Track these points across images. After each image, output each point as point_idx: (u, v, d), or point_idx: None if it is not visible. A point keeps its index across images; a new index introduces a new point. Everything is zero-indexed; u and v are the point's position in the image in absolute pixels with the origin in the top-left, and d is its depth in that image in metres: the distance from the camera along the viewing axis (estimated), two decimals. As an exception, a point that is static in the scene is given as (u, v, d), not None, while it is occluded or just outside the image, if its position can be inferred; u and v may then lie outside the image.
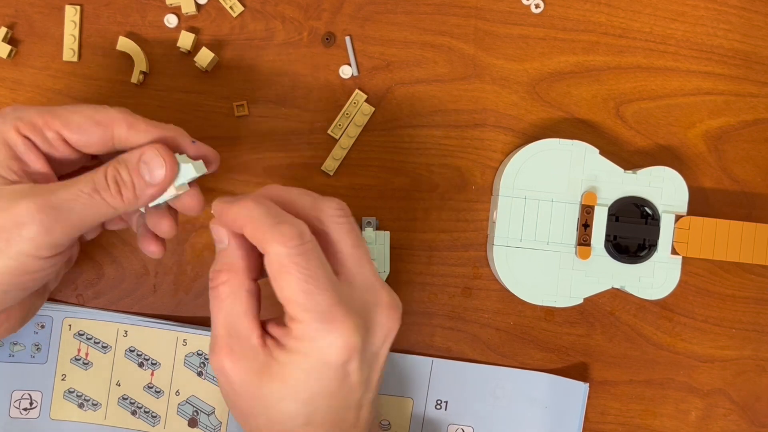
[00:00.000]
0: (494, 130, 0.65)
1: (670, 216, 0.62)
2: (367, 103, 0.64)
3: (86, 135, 0.49)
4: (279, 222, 0.46)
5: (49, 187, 0.47)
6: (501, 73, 0.65)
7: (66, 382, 0.62)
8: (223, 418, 0.62)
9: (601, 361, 0.66)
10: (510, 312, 0.66)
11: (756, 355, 0.67)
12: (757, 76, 0.67)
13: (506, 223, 0.62)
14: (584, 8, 0.66)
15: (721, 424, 0.67)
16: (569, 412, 0.65)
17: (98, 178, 0.48)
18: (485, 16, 0.65)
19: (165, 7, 0.63)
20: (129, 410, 0.62)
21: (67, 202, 0.46)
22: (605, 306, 0.66)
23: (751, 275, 0.67)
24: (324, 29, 0.64)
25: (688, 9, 0.66)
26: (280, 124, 0.64)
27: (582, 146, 0.62)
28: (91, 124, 0.49)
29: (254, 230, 0.46)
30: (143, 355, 0.62)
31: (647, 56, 0.66)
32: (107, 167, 0.48)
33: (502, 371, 0.65)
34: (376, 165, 0.65)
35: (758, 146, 0.67)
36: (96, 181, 0.48)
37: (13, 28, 0.62)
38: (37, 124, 0.48)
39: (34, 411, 0.62)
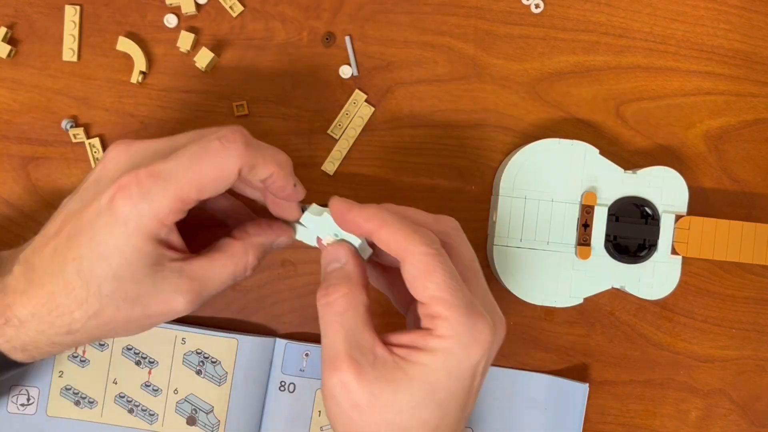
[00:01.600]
0: (494, 130, 0.65)
1: (670, 216, 0.62)
2: (367, 103, 0.64)
3: (219, 190, 0.48)
4: (417, 228, 0.48)
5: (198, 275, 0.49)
6: (501, 73, 0.65)
7: (63, 379, 0.62)
8: (222, 416, 0.62)
9: (601, 361, 0.66)
10: (510, 312, 0.66)
11: (756, 355, 0.67)
12: (757, 76, 0.67)
13: (506, 223, 0.62)
14: (584, 8, 0.66)
15: (721, 424, 0.67)
16: (569, 414, 0.65)
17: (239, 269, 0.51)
18: (485, 16, 0.65)
19: (165, 7, 0.63)
20: (126, 408, 0.62)
21: (213, 289, 0.50)
22: (605, 306, 0.66)
23: (751, 275, 0.67)
24: (324, 29, 0.64)
25: (688, 9, 0.66)
26: (280, 124, 0.64)
27: (582, 146, 0.62)
28: (221, 181, 0.48)
29: (394, 233, 0.48)
30: (141, 353, 0.62)
31: (647, 56, 0.66)
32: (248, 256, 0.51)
33: (501, 372, 0.65)
34: (376, 165, 0.65)
35: (758, 146, 0.67)
36: (237, 270, 0.51)
37: (13, 28, 0.63)
38: (176, 209, 0.47)
39: (31, 407, 0.62)
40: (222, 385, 0.62)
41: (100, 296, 0.47)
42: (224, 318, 0.64)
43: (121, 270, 0.46)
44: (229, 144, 0.48)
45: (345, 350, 0.47)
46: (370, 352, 0.47)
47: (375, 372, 0.47)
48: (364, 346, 0.47)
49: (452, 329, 0.46)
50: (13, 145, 0.63)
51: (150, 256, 0.47)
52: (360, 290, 0.49)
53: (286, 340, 0.63)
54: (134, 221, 0.46)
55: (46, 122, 0.63)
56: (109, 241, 0.46)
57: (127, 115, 0.63)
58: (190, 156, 0.47)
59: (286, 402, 0.63)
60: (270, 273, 0.64)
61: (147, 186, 0.46)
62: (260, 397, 0.63)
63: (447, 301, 0.46)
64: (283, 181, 0.50)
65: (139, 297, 0.47)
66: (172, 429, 0.62)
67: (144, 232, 0.46)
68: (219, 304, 0.64)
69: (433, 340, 0.46)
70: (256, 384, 0.63)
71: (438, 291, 0.46)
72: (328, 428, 0.64)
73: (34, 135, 0.63)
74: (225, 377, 0.62)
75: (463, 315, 0.46)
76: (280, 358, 0.63)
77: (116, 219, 0.46)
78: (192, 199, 0.47)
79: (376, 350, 0.47)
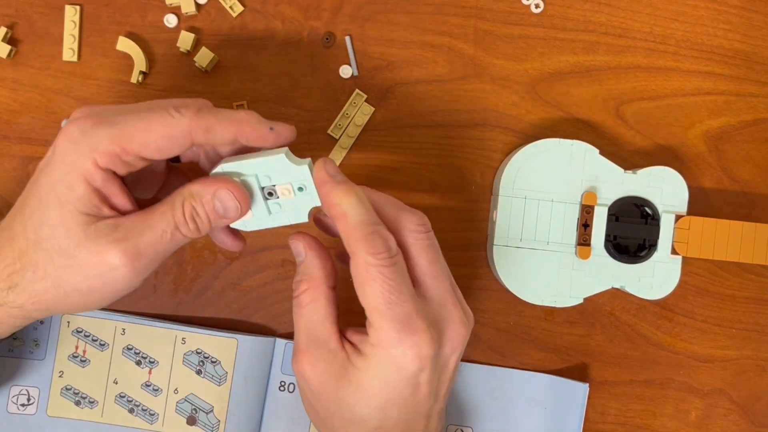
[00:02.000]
0: (494, 130, 0.65)
1: (670, 216, 0.62)
2: (367, 103, 0.64)
3: (165, 152, 0.48)
4: (372, 231, 0.48)
5: (134, 227, 0.47)
6: (501, 73, 0.65)
7: (63, 379, 0.62)
8: (222, 416, 0.62)
9: (601, 361, 0.66)
10: (510, 312, 0.66)
11: (756, 355, 0.67)
12: (757, 76, 0.67)
13: (506, 223, 0.62)
14: (584, 8, 0.66)
15: (721, 424, 0.67)
16: (569, 413, 0.65)
17: (178, 217, 0.48)
18: (485, 16, 0.65)
19: (165, 7, 0.63)
20: (126, 408, 0.62)
21: (153, 245, 0.48)
22: (605, 306, 0.66)
23: (751, 275, 0.67)
24: (324, 29, 0.64)
25: (688, 9, 0.66)
26: (280, 124, 0.64)
27: (582, 146, 0.62)
28: (167, 141, 0.48)
29: (346, 230, 0.48)
30: (141, 353, 0.62)
31: (647, 56, 0.66)
32: (183, 203, 0.49)
33: (501, 371, 0.65)
34: (376, 165, 0.65)
35: (758, 146, 0.67)
36: (177, 220, 0.48)
37: (13, 28, 0.63)
38: (113, 152, 0.47)
39: (31, 407, 0.62)
40: (222, 385, 0.62)
41: (37, 244, 0.47)
42: (224, 318, 0.65)
43: (53, 213, 0.46)
44: (181, 108, 0.48)
45: (302, 342, 0.51)
46: (325, 345, 0.50)
47: (326, 366, 0.49)
48: (321, 339, 0.50)
49: (382, 340, 0.48)
50: (13, 145, 0.63)
51: (83, 201, 0.46)
52: (320, 283, 0.51)
53: (286, 340, 0.63)
54: (71, 158, 0.46)
55: (46, 122, 0.63)
56: (47, 183, 0.47)
57: (127, 115, 0.63)
58: (140, 113, 0.48)
59: (286, 402, 0.63)
60: (270, 273, 0.64)
61: (89, 127, 0.47)
62: (260, 396, 0.63)
63: (380, 313, 0.48)
64: (254, 131, 0.50)
65: (71, 248, 0.46)
66: (172, 429, 0.62)
67: (78, 170, 0.46)
68: (219, 304, 0.64)
69: (367, 347, 0.49)
70: (256, 384, 0.63)
71: (373, 301, 0.48)
72: (328, 428, 0.64)
73: (34, 135, 0.63)
74: (225, 377, 0.62)
75: (394, 329, 0.47)
76: (280, 358, 0.63)
77: (56, 158, 0.47)
78: (133, 151, 0.47)
79: (331, 345, 0.50)
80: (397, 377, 0.48)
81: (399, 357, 0.48)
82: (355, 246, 0.48)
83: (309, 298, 0.51)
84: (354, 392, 0.49)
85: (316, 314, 0.51)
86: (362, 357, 0.49)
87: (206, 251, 0.64)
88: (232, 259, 0.64)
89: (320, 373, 0.49)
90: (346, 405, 0.49)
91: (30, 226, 0.47)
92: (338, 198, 0.49)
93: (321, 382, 0.50)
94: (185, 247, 0.64)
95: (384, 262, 0.47)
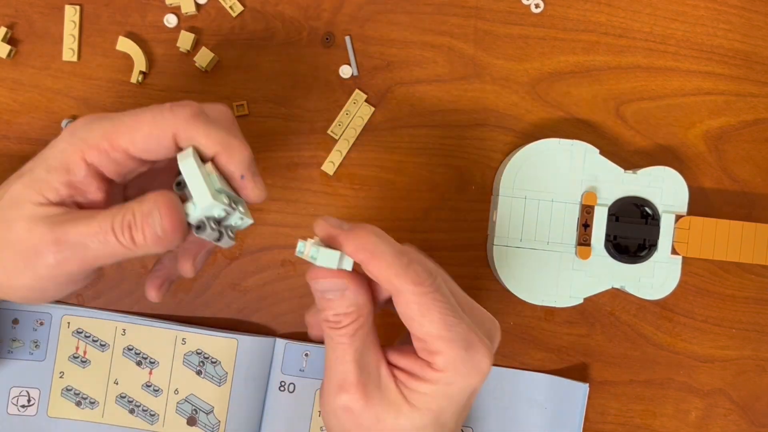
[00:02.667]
0: (494, 130, 0.65)
1: (670, 216, 0.62)
2: (367, 103, 0.64)
3: (151, 152, 0.47)
4: (409, 261, 0.46)
5: (72, 217, 0.46)
6: (501, 73, 0.65)
7: (64, 379, 0.62)
8: (222, 416, 0.62)
9: (601, 361, 0.66)
10: (510, 312, 0.66)
11: (756, 355, 0.67)
12: (757, 76, 0.67)
13: (506, 223, 0.62)
14: (584, 8, 0.66)
15: (721, 424, 0.67)
16: (569, 413, 0.65)
17: (116, 219, 0.45)
18: (485, 16, 0.65)
19: (165, 7, 0.63)
20: (127, 408, 0.62)
21: (82, 237, 0.45)
22: (605, 306, 0.66)
23: (751, 275, 0.67)
24: (324, 29, 0.64)
25: (688, 9, 0.66)
26: (280, 124, 0.64)
27: (582, 146, 0.62)
28: (152, 139, 0.47)
29: (385, 269, 0.46)
30: (141, 353, 0.62)
31: (647, 56, 0.66)
32: (126, 209, 0.46)
33: (501, 372, 0.65)
34: (376, 165, 0.65)
35: (758, 146, 0.67)
36: (114, 221, 0.45)
37: (13, 28, 0.62)
38: (102, 147, 0.46)
39: (31, 408, 0.62)
40: (222, 385, 0.62)
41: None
42: (224, 318, 0.64)
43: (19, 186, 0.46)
44: (174, 108, 0.47)
45: (354, 373, 0.48)
46: (376, 374, 0.48)
47: (380, 396, 0.48)
48: (371, 367, 0.48)
49: (452, 364, 0.47)
50: (13, 145, 0.63)
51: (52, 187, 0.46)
52: (369, 311, 0.48)
53: (286, 340, 0.63)
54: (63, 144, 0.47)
55: (46, 122, 0.63)
56: (33, 161, 0.47)
57: (127, 115, 0.63)
58: (135, 111, 0.47)
59: (286, 402, 0.63)
60: (270, 273, 0.64)
61: (90, 121, 0.47)
62: (260, 397, 0.63)
63: (444, 338, 0.46)
64: (230, 165, 0.47)
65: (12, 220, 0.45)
66: (172, 429, 0.62)
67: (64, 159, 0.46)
68: (219, 303, 0.64)
69: (432, 373, 0.47)
70: (256, 384, 0.63)
71: (435, 329, 0.46)
72: (328, 428, 0.64)
73: (34, 135, 0.63)
74: (225, 377, 0.62)
75: (462, 349, 0.47)
76: (280, 358, 0.63)
77: (53, 142, 0.47)
78: (120, 148, 0.46)
79: (381, 372, 0.48)
80: (464, 394, 0.47)
81: (468, 374, 0.47)
82: (399, 282, 0.46)
83: (357, 326, 0.48)
84: (421, 417, 0.47)
85: (365, 341, 0.48)
86: (425, 383, 0.47)
87: (206, 251, 0.64)
88: (232, 259, 0.64)
89: (375, 406, 0.47)
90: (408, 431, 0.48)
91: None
92: (361, 243, 0.46)
93: (376, 414, 0.47)
94: (185, 247, 0.64)
95: (432, 288, 0.46)
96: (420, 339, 0.47)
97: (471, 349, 0.47)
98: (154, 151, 0.47)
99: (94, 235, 0.45)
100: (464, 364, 0.47)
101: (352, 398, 0.47)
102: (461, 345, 0.46)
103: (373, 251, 0.46)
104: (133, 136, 0.46)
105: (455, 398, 0.47)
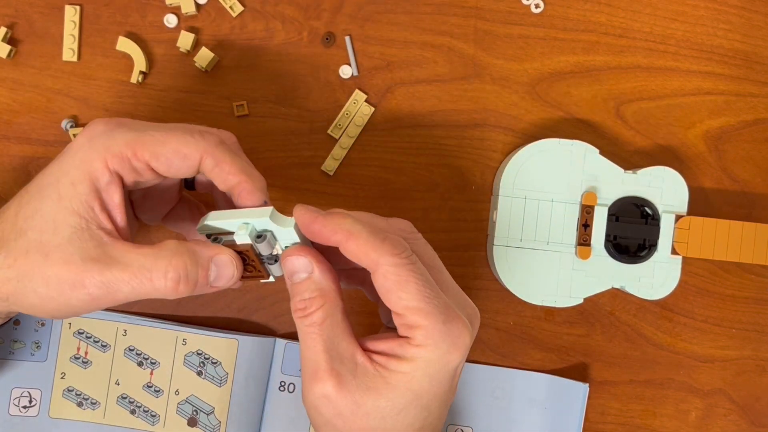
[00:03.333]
0: (494, 130, 0.65)
1: (670, 216, 0.62)
2: (367, 103, 0.64)
3: (173, 168, 0.48)
4: (385, 236, 0.47)
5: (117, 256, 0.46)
6: (501, 73, 0.65)
7: (65, 380, 0.62)
8: (223, 417, 0.62)
9: (601, 361, 0.66)
10: (510, 312, 0.66)
11: (756, 355, 0.67)
12: (757, 76, 0.67)
13: (506, 223, 0.62)
14: (584, 8, 0.66)
15: (721, 424, 0.67)
16: (569, 413, 0.65)
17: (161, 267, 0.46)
18: (485, 16, 0.65)
19: (165, 7, 0.63)
20: (128, 409, 0.62)
21: (122, 283, 0.46)
22: (605, 306, 0.66)
23: (751, 275, 0.67)
24: (324, 29, 0.64)
25: (688, 9, 0.66)
26: (280, 124, 0.64)
27: (582, 146, 0.62)
28: (178, 157, 0.48)
29: (362, 245, 0.47)
30: (143, 354, 0.62)
31: (647, 56, 0.66)
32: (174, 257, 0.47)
33: (502, 372, 0.65)
34: (376, 165, 0.65)
35: (758, 146, 0.67)
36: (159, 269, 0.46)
37: (13, 28, 0.62)
38: (125, 156, 0.47)
39: (33, 409, 0.62)
40: (223, 386, 0.62)
41: (21, 232, 0.46)
42: (224, 317, 0.64)
43: (49, 205, 0.46)
44: (204, 133, 0.49)
45: (325, 361, 0.47)
46: (351, 360, 0.48)
47: (356, 381, 0.47)
48: (344, 355, 0.48)
49: (431, 338, 0.47)
50: (13, 145, 0.63)
51: (81, 201, 0.46)
52: (335, 297, 0.49)
53: (286, 340, 0.63)
54: (83, 153, 0.47)
55: (46, 122, 0.63)
56: (52, 173, 0.47)
57: (127, 115, 0.63)
58: (163, 126, 0.48)
59: (286, 402, 0.63)
60: (270, 273, 0.65)
61: (110, 129, 0.47)
62: (260, 397, 0.63)
63: (423, 310, 0.46)
64: (250, 195, 0.49)
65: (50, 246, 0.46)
66: (173, 430, 0.62)
67: (87, 167, 0.46)
68: (219, 303, 0.64)
69: (412, 349, 0.47)
70: (257, 384, 0.63)
71: (413, 301, 0.46)
72: (328, 428, 0.64)
73: (34, 135, 0.63)
74: (225, 378, 0.62)
75: (440, 322, 0.47)
76: (280, 358, 0.63)
77: (70, 151, 0.47)
78: (144, 159, 0.47)
79: (357, 358, 0.48)
80: (445, 371, 0.47)
81: (448, 350, 0.47)
82: (377, 254, 0.46)
83: (324, 313, 0.48)
84: (401, 398, 0.47)
85: (335, 330, 0.48)
86: (405, 361, 0.47)
87: (206, 251, 0.64)
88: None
89: (352, 391, 0.47)
90: (390, 414, 0.47)
91: (22, 213, 0.47)
92: (337, 223, 0.47)
93: (355, 400, 0.47)
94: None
95: (410, 260, 0.47)
96: (399, 314, 0.47)
97: (449, 322, 0.47)
98: (176, 168, 0.48)
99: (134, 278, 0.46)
100: (443, 338, 0.46)
101: (327, 386, 0.47)
102: (439, 318, 0.46)
103: (349, 230, 0.47)
104: (160, 149, 0.47)
105: (436, 377, 0.47)
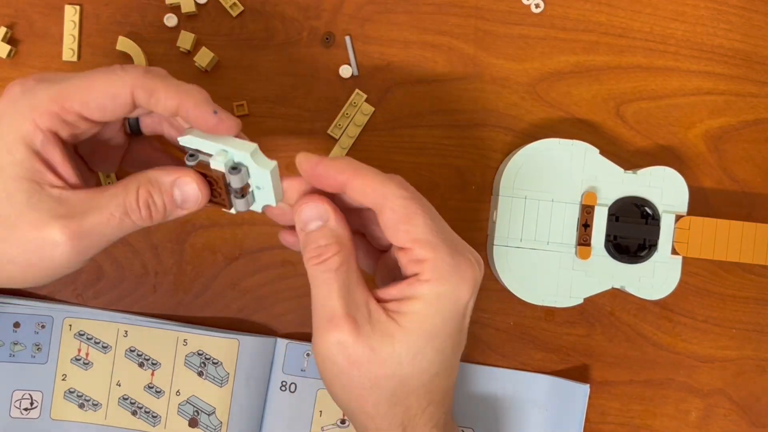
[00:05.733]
0: (494, 130, 0.65)
1: (670, 216, 0.62)
2: (367, 103, 0.64)
3: (107, 112, 0.47)
4: (388, 175, 0.48)
5: (81, 205, 0.46)
6: (501, 73, 0.65)
7: (66, 382, 0.62)
8: (224, 418, 0.62)
9: (601, 361, 0.66)
10: (510, 312, 0.66)
11: (756, 355, 0.67)
12: (757, 76, 0.67)
13: (506, 223, 0.62)
14: (584, 8, 0.66)
15: (721, 424, 0.67)
16: (570, 414, 0.65)
17: (130, 202, 0.47)
18: (485, 16, 0.65)
19: (165, 7, 0.63)
20: (129, 410, 0.62)
21: (98, 227, 0.46)
22: (605, 306, 0.66)
23: (751, 275, 0.67)
24: (324, 29, 0.64)
25: (688, 9, 0.66)
26: (280, 124, 0.64)
27: (582, 146, 0.62)
28: (108, 98, 0.46)
29: (370, 181, 0.47)
30: (143, 355, 0.62)
31: (647, 56, 0.66)
32: (138, 188, 0.47)
33: (502, 372, 0.65)
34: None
35: (758, 146, 0.67)
36: (128, 205, 0.46)
37: (13, 28, 0.62)
38: (53, 111, 0.45)
39: (34, 411, 0.62)
40: (224, 386, 0.62)
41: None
42: (224, 317, 0.65)
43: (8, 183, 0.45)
44: (125, 67, 0.47)
45: (342, 307, 0.47)
46: (365, 307, 0.47)
47: (372, 327, 0.47)
48: (359, 302, 0.47)
49: (439, 271, 0.46)
50: (13, 145, 0.62)
51: (23, 165, 0.45)
52: (350, 245, 0.49)
53: (287, 340, 0.63)
54: (9, 118, 0.45)
55: (45, 122, 0.63)
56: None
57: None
58: (84, 74, 0.47)
59: (287, 402, 0.63)
60: (270, 273, 0.64)
61: (31, 86, 0.46)
62: (261, 397, 0.63)
63: (431, 243, 0.46)
64: (196, 107, 0.47)
65: (12, 217, 0.45)
66: (174, 431, 0.62)
67: (17, 131, 0.45)
68: (219, 304, 0.64)
69: (422, 286, 0.46)
70: (258, 384, 0.63)
71: (421, 233, 0.46)
72: (329, 428, 0.64)
73: (34, 135, 0.63)
74: (226, 378, 0.62)
75: (448, 255, 0.46)
76: (281, 358, 0.63)
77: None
78: (73, 110, 0.46)
79: (370, 305, 0.47)
80: (455, 308, 0.47)
81: (457, 284, 0.46)
82: (384, 190, 0.47)
83: (341, 259, 0.47)
84: (416, 341, 0.46)
85: (350, 276, 0.47)
86: (415, 300, 0.46)
87: (206, 251, 0.64)
88: (232, 259, 0.64)
89: (369, 337, 0.46)
90: (407, 359, 0.47)
91: None
92: (344, 162, 0.48)
93: (370, 346, 0.46)
94: (185, 247, 0.64)
95: (416, 194, 0.47)
96: (407, 250, 0.47)
97: (457, 255, 0.47)
98: (110, 110, 0.47)
99: (108, 222, 0.46)
100: (451, 271, 0.46)
101: (343, 332, 0.46)
102: (447, 252, 0.46)
103: (356, 168, 0.48)
104: (87, 96, 0.46)
105: (447, 315, 0.47)
